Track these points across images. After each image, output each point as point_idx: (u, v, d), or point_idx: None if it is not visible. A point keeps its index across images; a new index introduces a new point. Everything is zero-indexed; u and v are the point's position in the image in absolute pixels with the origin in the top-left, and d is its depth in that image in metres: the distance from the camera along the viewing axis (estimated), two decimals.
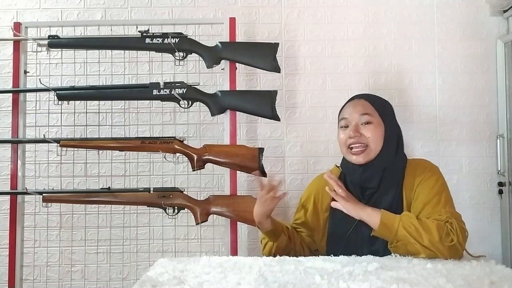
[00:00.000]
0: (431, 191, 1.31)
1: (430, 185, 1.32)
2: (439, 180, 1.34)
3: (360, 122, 1.36)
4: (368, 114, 1.36)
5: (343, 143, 1.38)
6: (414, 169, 1.37)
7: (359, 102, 1.40)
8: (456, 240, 1.17)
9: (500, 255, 2.14)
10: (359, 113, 1.36)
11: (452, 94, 2.20)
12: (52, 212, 2.04)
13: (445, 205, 1.28)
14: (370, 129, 1.35)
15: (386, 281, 0.94)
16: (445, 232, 1.18)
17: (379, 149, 1.35)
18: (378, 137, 1.35)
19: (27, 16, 2.19)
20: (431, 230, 1.18)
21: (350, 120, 1.38)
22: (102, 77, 2.12)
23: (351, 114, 1.38)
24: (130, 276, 2.11)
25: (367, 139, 1.34)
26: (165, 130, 2.12)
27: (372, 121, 1.36)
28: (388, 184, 1.35)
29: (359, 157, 1.34)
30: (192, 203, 1.80)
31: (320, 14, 2.22)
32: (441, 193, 1.31)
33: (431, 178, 1.34)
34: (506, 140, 2.15)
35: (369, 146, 1.34)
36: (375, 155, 1.35)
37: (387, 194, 1.34)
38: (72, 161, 2.05)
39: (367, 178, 1.35)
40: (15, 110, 1.90)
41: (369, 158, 1.34)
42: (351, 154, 1.36)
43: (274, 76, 2.16)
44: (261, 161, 1.80)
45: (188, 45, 1.88)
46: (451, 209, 1.29)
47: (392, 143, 1.38)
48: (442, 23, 2.22)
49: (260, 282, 0.97)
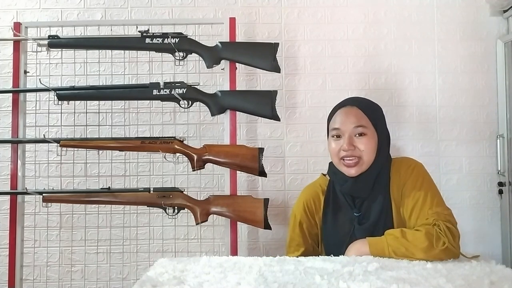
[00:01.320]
0: (416, 192, 1.29)
1: (414, 185, 1.30)
2: (423, 178, 1.32)
3: (354, 133, 1.33)
4: (362, 126, 1.32)
5: (335, 154, 1.35)
6: (398, 169, 1.35)
7: (351, 110, 1.35)
8: (447, 242, 1.16)
9: (500, 255, 2.14)
10: (353, 125, 1.32)
11: (452, 94, 2.20)
12: (52, 212, 2.04)
13: (431, 205, 1.26)
14: (364, 142, 1.32)
15: (386, 281, 0.94)
16: (435, 237, 1.16)
17: (371, 160, 1.33)
18: (372, 149, 1.32)
19: (27, 16, 2.20)
20: (420, 241, 1.16)
21: (343, 131, 1.33)
22: (102, 77, 2.12)
23: (344, 125, 1.33)
24: (130, 276, 2.11)
25: (361, 152, 1.31)
26: (165, 130, 2.12)
27: (366, 133, 1.32)
28: (377, 190, 1.34)
29: (351, 170, 1.32)
30: (192, 203, 1.80)
31: (320, 14, 2.22)
32: (426, 191, 1.29)
33: (413, 178, 1.32)
34: (506, 140, 2.15)
35: (362, 159, 1.32)
36: (367, 167, 1.32)
37: (376, 201, 1.33)
38: (72, 161, 2.05)
39: (358, 188, 1.33)
40: (15, 110, 1.90)
41: (361, 170, 1.32)
42: (343, 166, 1.33)
43: (274, 76, 2.16)
44: (261, 161, 1.80)
45: (188, 45, 1.88)
46: (437, 208, 1.26)
47: (384, 151, 1.37)
48: (442, 23, 2.22)
49: (260, 282, 0.97)
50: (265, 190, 2.16)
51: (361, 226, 1.32)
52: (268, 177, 1.98)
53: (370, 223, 1.31)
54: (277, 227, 1.93)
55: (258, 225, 1.78)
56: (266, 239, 2.15)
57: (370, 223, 1.31)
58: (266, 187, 2.16)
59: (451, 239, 1.17)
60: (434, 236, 1.16)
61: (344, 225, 1.35)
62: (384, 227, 1.29)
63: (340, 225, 1.35)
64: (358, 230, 1.32)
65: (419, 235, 1.17)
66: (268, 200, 1.80)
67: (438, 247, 1.15)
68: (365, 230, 1.31)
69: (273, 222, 1.87)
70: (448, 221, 1.22)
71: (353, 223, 1.34)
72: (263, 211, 1.77)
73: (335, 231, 1.36)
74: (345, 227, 1.33)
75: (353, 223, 1.34)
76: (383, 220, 1.31)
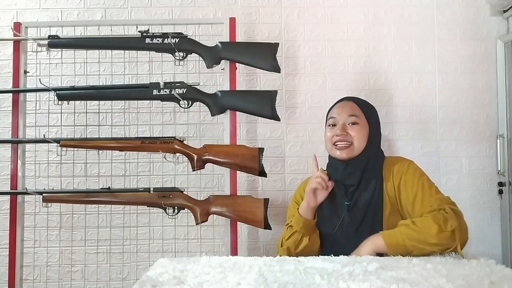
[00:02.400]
0: (414, 186, 1.38)
1: (411, 180, 1.39)
2: (418, 172, 1.41)
3: (347, 122, 1.44)
4: (355, 115, 1.45)
5: (329, 139, 1.46)
6: (391, 167, 1.44)
7: (347, 104, 1.48)
8: (455, 223, 1.23)
9: (500, 255, 2.14)
10: (347, 114, 1.45)
11: (452, 94, 2.20)
12: (52, 212, 2.04)
13: (431, 194, 1.35)
14: (356, 129, 1.43)
15: (386, 281, 0.94)
16: (443, 220, 1.24)
17: (362, 148, 1.43)
18: (362, 137, 1.43)
19: (27, 16, 2.20)
20: (430, 226, 1.24)
21: (338, 120, 1.46)
22: (102, 77, 2.12)
23: (339, 114, 1.46)
24: (130, 276, 2.11)
25: (352, 138, 1.42)
26: (165, 130, 2.12)
27: (358, 122, 1.44)
28: (367, 180, 1.42)
29: (343, 153, 1.42)
30: (192, 203, 1.80)
31: (320, 14, 2.22)
32: (423, 183, 1.38)
33: (410, 174, 1.40)
34: (506, 140, 2.15)
35: (353, 144, 1.42)
36: (358, 153, 1.43)
37: (366, 190, 1.41)
38: (72, 161, 2.05)
39: (348, 174, 1.42)
40: (15, 110, 1.90)
41: (352, 154, 1.42)
42: (336, 149, 1.44)
43: (274, 76, 2.16)
44: (261, 161, 1.80)
45: (188, 45, 1.88)
46: (438, 195, 1.35)
47: (375, 144, 1.47)
48: (442, 23, 2.22)
49: (260, 282, 0.97)
50: (265, 190, 2.16)
51: (350, 213, 1.41)
52: (268, 177, 1.98)
53: (359, 210, 1.40)
54: (277, 227, 1.93)
55: (258, 225, 1.79)
56: (266, 239, 2.15)
57: (358, 210, 1.40)
58: (266, 187, 2.16)
59: (458, 219, 1.26)
60: (441, 219, 1.24)
61: (337, 212, 1.44)
62: (373, 216, 1.39)
63: (333, 212, 1.44)
64: (347, 216, 1.41)
65: (428, 221, 1.25)
66: (268, 200, 1.81)
67: (447, 229, 1.23)
68: (354, 216, 1.40)
69: (273, 222, 1.87)
70: (451, 203, 1.32)
71: (344, 211, 1.43)
72: (263, 211, 1.77)
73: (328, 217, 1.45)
74: (337, 214, 1.43)
75: (344, 210, 1.43)
76: (373, 209, 1.39)
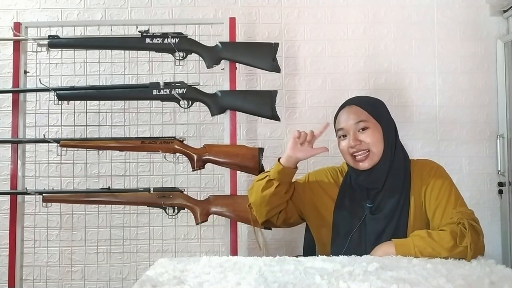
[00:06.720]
0: (439, 193, 1.32)
1: (438, 187, 1.34)
2: (446, 180, 1.36)
3: (356, 129, 1.37)
4: (362, 120, 1.37)
5: (345, 152, 1.39)
6: (420, 172, 1.38)
7: (351, 109, 1.40)
8: (470, 240, 1.18)
9: (500, 255, 2.14)
10: (354, 121, 1.37)
11: (452, 94, 2.21)
12: (52, 212, 2.04)
13: (455, 205, 1.30)
14: (368, 135, 1.36)
15: (386, 281, 0.94)
16: (459, 235, 1.19)
17: (381, 150, 1.36)
18: (378, 140, 1.36)
19: (27, 16, 2.20)
20: (445, 239, 1.19)
21: (347, 129, 1.38)
22: (102, 77, 2.12)
23: (346, 123, 1.39)
24: (130, 276, 2.11)
25: (368, 145, 1.35)
26: (165, 130, 2.12)
27: (368, 126, 1.37)
28: (392, 184, 1.36)
29: (365, 163, 1.35)
30: (192, 203, 1.80)
31: (320, 14, 2.22)
32: (450, 192, 1.33)
33: (438, 181, 1.35)
34: (506, 140, 2.15)
35: (371, 151, 1.35)
36: (379, 158, 1.36)
37: (393, 196, 1.35)
38: (72, 161, 2.05)
39: (373, 181, 1.37)
40: (15, 110, 1.90)
41: (373, 162, 1.35)
42: (356, 162, 1.37)
43: (274, 76, 2.16)
44: (261, 161, 1.80)
45: (188, 45, 1.88)
46: (461, 208, 1.30)
47: (392, 141, 1.40)
48: (442, 23, 2.22)
49: (260, 282, 0.97)
50: None
51: (373, 216, 1.35)
52: None
53: (384, 215, 1.34)
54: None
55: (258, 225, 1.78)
56: (266, 239, 2.15)
57: (383, 215, 1.34)
58: None
59: (475, 237, 1.20)
60: (458, 234, 1.19)
61: (356, 213, 1.38)
62: (398, 222, 1.33)
63: (353, 213, 1.38)
64: (369, 220, 1.35)
65: (445, 234, 1.20)
66: None
67: (462, 245, 1.18)
68: (377, 221, 1.34)
69: None
70: (472, 219, 1.25)
71: (365, 212, 1.36)
72: None
73: (347, 217, 1.39)
74: (357, 215, 1.37)
75: (365, 212, 1.36)
76: (398, 215, 1.34)
